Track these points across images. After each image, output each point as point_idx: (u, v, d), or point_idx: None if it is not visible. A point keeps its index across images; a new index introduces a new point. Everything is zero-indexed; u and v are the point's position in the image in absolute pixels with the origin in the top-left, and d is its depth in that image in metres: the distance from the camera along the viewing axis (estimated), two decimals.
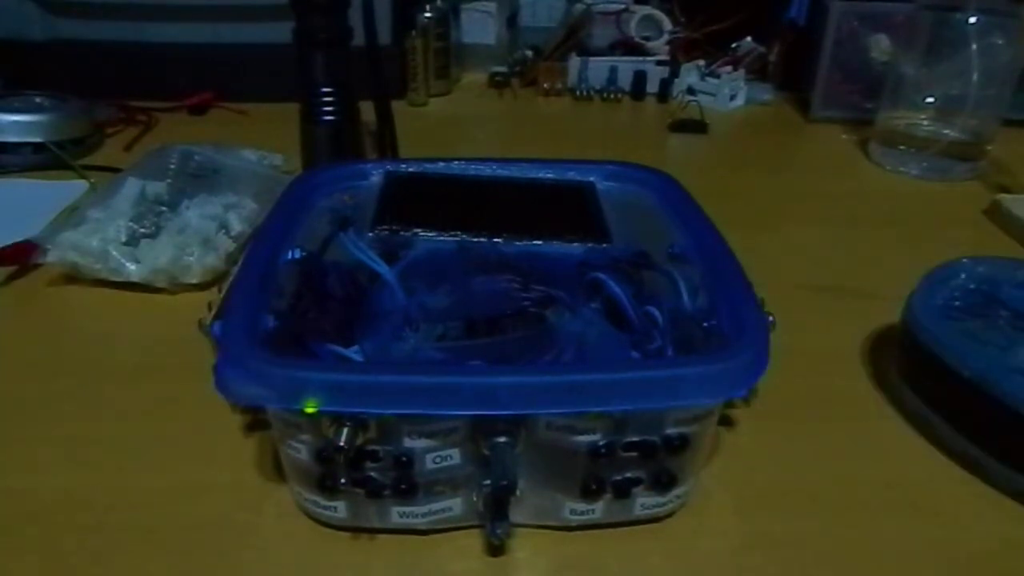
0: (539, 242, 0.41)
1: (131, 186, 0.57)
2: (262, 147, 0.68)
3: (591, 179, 0.48)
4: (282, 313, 0.35)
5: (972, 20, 0.70)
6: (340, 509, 0.33)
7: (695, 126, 0.88)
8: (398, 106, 0.78)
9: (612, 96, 0.97)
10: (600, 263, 0.39)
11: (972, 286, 0.45)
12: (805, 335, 0.43)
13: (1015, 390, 0.36)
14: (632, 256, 0.41)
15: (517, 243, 0.41)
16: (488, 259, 0.40)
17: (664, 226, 0.43)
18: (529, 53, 1.02)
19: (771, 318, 0.35)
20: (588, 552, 0.34)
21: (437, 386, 0.29)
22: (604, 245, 0.41)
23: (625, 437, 0.32)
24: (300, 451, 0.32)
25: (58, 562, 0.33)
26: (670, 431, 0.32)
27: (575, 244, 0.41)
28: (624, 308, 0.37)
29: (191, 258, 0.52)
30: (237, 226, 0.56)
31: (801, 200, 0.72)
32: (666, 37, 1.00)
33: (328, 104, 0.62)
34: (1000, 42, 0.71)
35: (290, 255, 0.39)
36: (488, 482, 0.31)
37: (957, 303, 0.43)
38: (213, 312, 0.35)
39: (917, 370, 0.42)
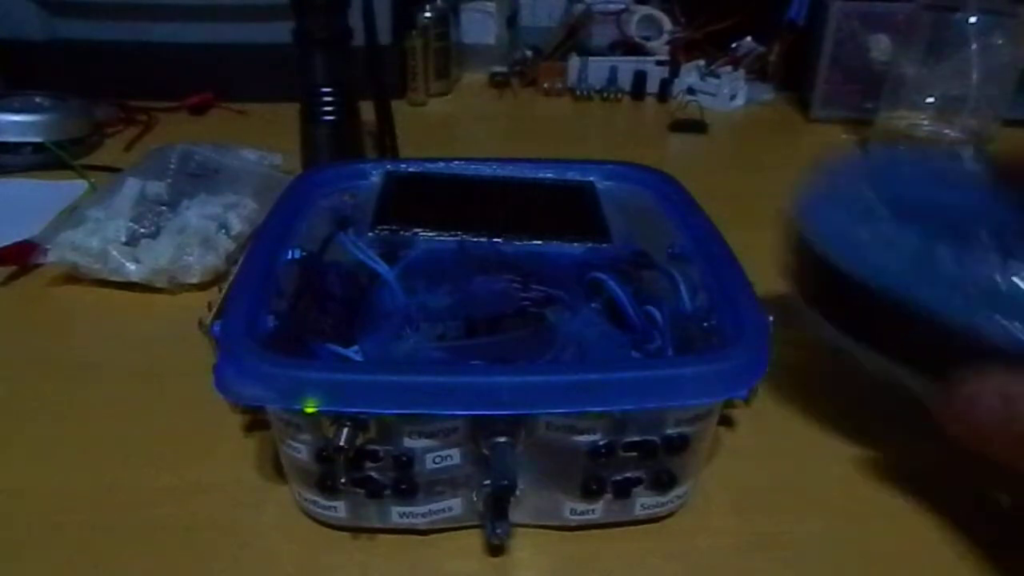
0: (539, 242, 0.41)
1: (131, 186, 0.57)
2: (262, 147, 0.68)
3: (591, 179, 0.47)
4: (282, 313, 0.35)
5: (972, 20, 0.70)
6: (340, 509, 0.33)
7: (695, 126, 0.88)
8: (398, 106, 0.78)
9: (612, 96, 0.97)
10: (600, 263, 0.39)
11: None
12: (805, 334, 0.43)
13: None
14: (632, 256, 0.41)
15: (517, 243, 0.41)
16: (488, 259, 0.40)
17: (664, 226, 0.43)
18: (529, 53, 1.02)
19: (771, 318, 0.35)
20: (588, 552, 0.34)
21: (437, 386, 0.29)
22: (604, 245, 0.41)
23: (625, 437, 0.32)
24: (300, 451, 0.32)
25: (57, 561, 0.33)
26: (670, 431, 0.32)
27: (575, 244, 0.41)
28: (624, 308, 0.37)
29: (191, 258, 0.52)
30: (237, 226, 0.56)
31: None
32: (666, 37, 1.00)
33: (328, 104, 0.62)
34: (1000, 42, 0.70)
35: (290, 255, 0.39)
36: (488, 482, 0.31)
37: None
38: (213, 312, 0.35)
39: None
